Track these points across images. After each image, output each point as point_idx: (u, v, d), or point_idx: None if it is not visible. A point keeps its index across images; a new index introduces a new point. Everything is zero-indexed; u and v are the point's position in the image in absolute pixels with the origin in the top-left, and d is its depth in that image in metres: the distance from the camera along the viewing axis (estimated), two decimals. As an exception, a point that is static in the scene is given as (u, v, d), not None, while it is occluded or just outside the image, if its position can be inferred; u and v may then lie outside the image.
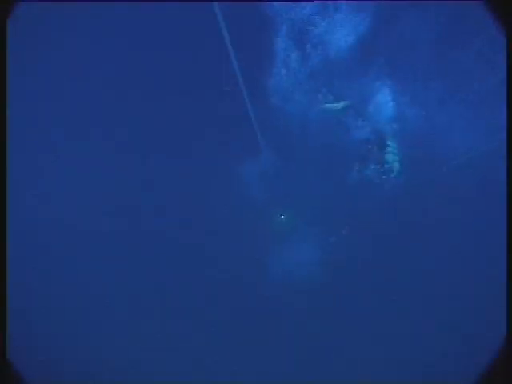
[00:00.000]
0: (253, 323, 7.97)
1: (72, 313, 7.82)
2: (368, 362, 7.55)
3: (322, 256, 7.99)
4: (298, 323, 7.98)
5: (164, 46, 7.98)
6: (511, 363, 4.12)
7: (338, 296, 7.94)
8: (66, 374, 7.36)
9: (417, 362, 7.43)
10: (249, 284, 8.04)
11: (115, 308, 7.93)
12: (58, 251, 7.88)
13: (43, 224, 7.85)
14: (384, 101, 7.48)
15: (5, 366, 4.44)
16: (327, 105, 7.65)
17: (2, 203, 4.98)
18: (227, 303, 8.05)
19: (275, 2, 7.26)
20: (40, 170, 8.07)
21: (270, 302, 7.98)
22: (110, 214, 8.13)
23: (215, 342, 7.95)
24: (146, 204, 8.31)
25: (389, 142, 7.46)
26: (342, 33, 7.35)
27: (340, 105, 7.59)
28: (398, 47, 7.19)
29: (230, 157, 8.03)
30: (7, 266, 4.88)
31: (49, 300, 7.69)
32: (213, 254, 8.18)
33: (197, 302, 8.17)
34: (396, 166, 7.42)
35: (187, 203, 8.21)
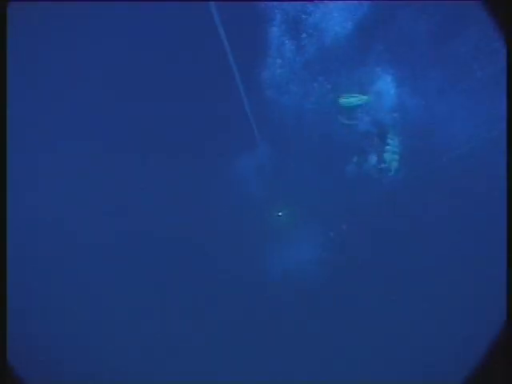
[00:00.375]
0: (252, 322, 7.96)
1: (72, 313, 7.82)
2: (368, 361, 7.54)
3: (321, 252, 7.98)
4: (297, 322, 7.98)
5: (158, 41, 7.96)
6: (510, 350, 4.10)
7: (336, 294, 7.93)
8: (65, 374, 7.36)
9: (417, 362, 7.43)
10: (248, 283, 8.03)
11: (115, 308, 7.93)
12: (58, 251, 7.87)
13: (43, 224, 7.85)
14: (383, 91, 7.31)
15: (5, 366, 4.44)
16: (343, 100, 7.29)
17: (2, 203, 4.97)
18: (226, 302, 8.05)
19: None
20: (40, 170, 8.08)
21: (269, 301, 7.99)
22: (109, 213, 8.14)
23: (215, 341, 7.95)
24: (143, 203, 8.31)
25: (388, 137, 7.29)
26: (337, 20, 7.19)
27: (362, 99, 7.31)
28: (397, 37, 7.06)
29: (225, 152, 8.00)
30: (7, 266, 4.87)
31: (49, 300, 7.69)
32: (210, 251, 8.17)
33: (196, 301, 8.17)
34: (394, 164, 7.33)
35: (183, 201, 8.21)
